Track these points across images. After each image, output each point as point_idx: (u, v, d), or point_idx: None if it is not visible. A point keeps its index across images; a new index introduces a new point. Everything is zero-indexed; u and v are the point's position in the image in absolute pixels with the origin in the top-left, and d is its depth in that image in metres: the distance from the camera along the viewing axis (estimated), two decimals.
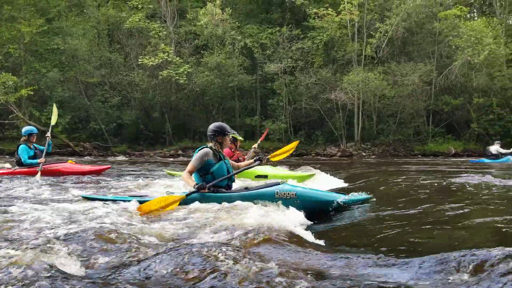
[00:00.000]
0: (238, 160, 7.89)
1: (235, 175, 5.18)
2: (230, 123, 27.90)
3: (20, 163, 9.01)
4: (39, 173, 8.49)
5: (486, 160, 16.63)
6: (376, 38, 25.22)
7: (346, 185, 8.57)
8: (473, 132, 25.11)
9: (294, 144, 6.12)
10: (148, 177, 9.48)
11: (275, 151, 7.58)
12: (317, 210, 4.60)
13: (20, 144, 9.10)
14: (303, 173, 8.84)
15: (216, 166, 4.86)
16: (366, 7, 25.75)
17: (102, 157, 23.38)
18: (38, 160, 8.78)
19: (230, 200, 4.56)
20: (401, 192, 6.49)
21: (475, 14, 31.06)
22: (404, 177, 8.63)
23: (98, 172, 10.09)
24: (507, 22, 26.95)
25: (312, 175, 8.80)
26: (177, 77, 25.18)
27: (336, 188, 7.84)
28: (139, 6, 28.03)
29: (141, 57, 26.11)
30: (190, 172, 4.85)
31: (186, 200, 4.61)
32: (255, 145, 9.28)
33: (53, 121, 9.94)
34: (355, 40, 25.90)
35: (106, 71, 27.43)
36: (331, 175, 9.84)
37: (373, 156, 23.93)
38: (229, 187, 5.01)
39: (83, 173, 9.67)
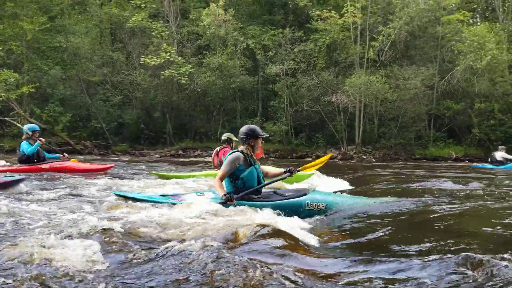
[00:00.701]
0: None
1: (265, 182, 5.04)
2: (231, 124, 27.94)
3: (22, 161, 8.95)
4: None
5: (489, 166, 16.46)
6: (379, 41, 25.19)
7: (349, 188, 8.55)
8: (474, 137, 25.06)
9: (326, 158, 6.06)
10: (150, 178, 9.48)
11: (275, 153, 7.65)
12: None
13: (22, 141, 9.06)
14: (303, 173, 8.81)
15: (247, 172, 4.73)
16: (369, 10, 25.73)
17: (107, 156, 23.36)
18: (40, 139, 8.79)
19: (260, 208, 4.47)
20: (404, 195, 6.45)
21: (478, 19, 31.03)
22: (407, 180, 8.60)
23: (102, 171, 10.08)
24: (510, 27, 26.89)
25: (311, 174, 8.77)
26: (179, 77, 25.15)
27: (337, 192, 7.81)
28: (142, 5, 28.05)
29: (143, 56, 26.10)
30: (222, 178, 4.72)
31: None
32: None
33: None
34: (357, 43, 25.88)
35: (108, 70, 27.42)
36: (334, 177, 9.83)
37: (374, 160, 23.88)
38: (258, 192, 4.88)
39: (87, 172, 9.65)
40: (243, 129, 5.00)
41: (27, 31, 24.35)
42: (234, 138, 8.44)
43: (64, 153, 9.82)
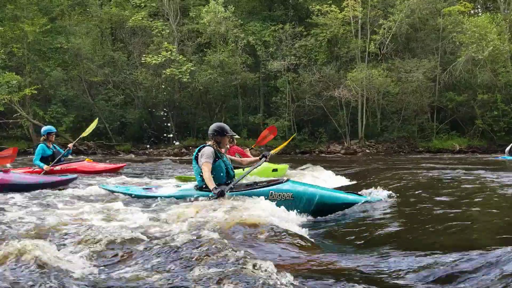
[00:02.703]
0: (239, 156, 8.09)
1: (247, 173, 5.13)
2: (233, 121, 27.93)
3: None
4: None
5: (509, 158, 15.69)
6: (380, 34, 25.11)
7: (351, 182, 8.54)
8: (477, 129, 25.00)
9: (290, 138, 6.14)
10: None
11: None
12: (321, 211, 4.51)
13: (39, 144, 9.02)
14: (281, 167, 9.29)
15: (215, 165, 4.89)
16: (369, 4, 25.63)
17: (116, 155, 23.43)
18: (44, 167, 8.62)
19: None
20: (407, 189, 6.45)
21: (479, 10, 30.91)
22: (410, 174, 8.59)
23: (114, 171, 10.09)
24: (511, 18, 26.75)
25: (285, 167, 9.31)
26: (180, 76, 25.14)
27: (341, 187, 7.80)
28: (142, 4, 28.00)
29: (144, 55, 26.08)
30: (211, 171, 4.87)
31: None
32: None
33: (85, 133, 10.07)
34: (358, 37, 25.80)
35: (109, 70, 27.44)
36: (336, 174, 9.82)
37: (377, 153, 23.87)
38: (228, 184, 4.95)
39: (99, 172, 9.66)
40: (212, 126, 5.20)
41: (28, 33, 24.38)
42: (236, 136, 8.56)
43: (70, 145, 9.69)
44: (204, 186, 4.85)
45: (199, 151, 5.02)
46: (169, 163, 15.57)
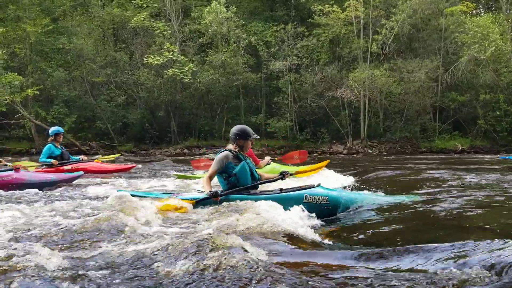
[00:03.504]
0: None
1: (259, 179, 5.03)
2: (235, 122, 27.90)
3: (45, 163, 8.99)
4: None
5: None
6: (382, 34, 25.08)
7: (355, 183, 8.51)
8: (480, 129, 24.93)
9: (323, 164, 6.04)
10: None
11: (281, 150, 7.67)
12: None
13: (47, 144, 9.10)
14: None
15: (239, 168, 4.75)
16: (371, 4, 25.61)
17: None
18: (52, 161, 8.74)
19: (256, 201, 4.40)
20: (412, 188, 6.43)
21: (481, 10, 30.86)
22: (413, 174, 8.57)
23: (124, 171, 10.14)
24: None
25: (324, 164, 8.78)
26: (182, 76, 25.15)
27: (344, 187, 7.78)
28: (143, 5, 28.04)
29: (146, 56, 26.11)
30: (211, 177, 4.83)
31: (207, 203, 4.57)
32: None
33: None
34: (360, 37, 25.78)
35: (111, 70, 27.47)
36: (340, 173, 9.79)
37: (380, 154, 23.83)
38: (254, 188, 4.88)
39: (110, 172, 9.73)
40: (234, 129, 5.04)
41: (30, 34, 24.42)
42: (257, 137, 8.50)
43: (82, 157, 9.80)
44: (227, 190, 4.75)
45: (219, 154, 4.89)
46: (170, 163, 15.56)
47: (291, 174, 5.21)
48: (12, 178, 6.79)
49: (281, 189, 4.75)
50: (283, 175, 4.94)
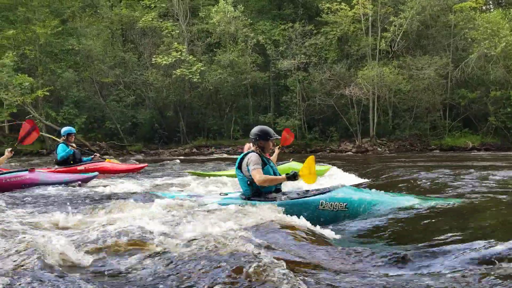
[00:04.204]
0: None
1: None
2: (244, 121, 27.95)
3: (59, 163, 9.07)
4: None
5: None
6: (391, 32, 24.94)
7: (365, 180, 8.46)
8: (490, 126, 24.72)
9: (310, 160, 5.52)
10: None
11: (289, 148, 7.64)
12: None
13: (59, 143, 9.17)
14: (321, 167, 8.75)
15: (264, 171, 4.53)
16: (379, 1, 25.45)
17: (129, 156, 23.56)
18: (69, 147, 8.96)
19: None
20: (423, 187, 6.39)
21: (491, 5, 30.55)
22: (425, 172, 8.51)
23: (135, 171, 10.23)
24: None
25: (328, 169, 8.72)
26: (191, 76, 25.20)
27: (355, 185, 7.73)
28: (152, 5, 28.14)
29: (154, 56, 26.20)
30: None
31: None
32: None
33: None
34: (369, 35, 25.65)
35: (120, 71, 27.60)
36: (349, 172, 9.76)
37: (389, 151, 23.72)
38: (278, 190, 4.69)
39: (121, 172, 9.82)
40: (254, 129, 4.81)
41: (39, 35, 24.58)
42: (279, 137, 8.49)
43: (95, 154, 9.98)
44: (251, 195, 4.54)
45: (242, 158, 4.64)
46: (180, 163, 15.62)
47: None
48: (25, 178, 6.88)
49: (307, 191, 4.53)
50: (294, 177, 4.43)
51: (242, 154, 4.73)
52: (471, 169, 8.45)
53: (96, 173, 7.88)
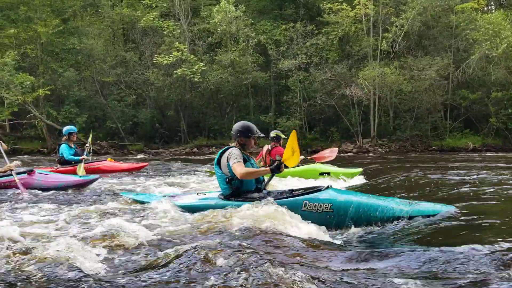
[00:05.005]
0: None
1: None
2: (245, 121, 27.88)
3: (61, 162, 9.05)
4: (82, 168, 8.57)
5: None
6: (392, 32, 24.91)
7: (366, 181, 8.45)
8: (491, 127, 24.69)
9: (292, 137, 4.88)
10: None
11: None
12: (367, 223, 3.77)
13: (61, 143, 9.15)
14: (353, 170, 8.60)
15: None
16: (381, 1, 25.43)
17: (130, 155, 23.61)
18: (80, 157, 8.85)
19: None
20: (427, 188, 6.38)
21: (492, 6, 30.52)
22: (426, 173, 8.49)
23: (136, 170, 10.22)
24: None
25: (359, 172, 8.57)
26: (192, 76, 25.20)
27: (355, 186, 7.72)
28: (153, 5, 28.15)
29: (155, 55, 26.21)
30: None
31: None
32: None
33: (90, 142, 10.25)
34: (370, 35, 25.63)
35: (121, 70, 27.61)
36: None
37: (390, 152, 23.69)
38: (259, 190, 4.51)
39: (122, 171, 9.80)
40: (236, 125, 4.64)
41: (41, 34, 24.61)
42: (283, 136, 8.46)
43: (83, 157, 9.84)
44: (229, 195, 4.39)
45: (222, 154, 4.49)
46: (181, 162, 15.62)
47: (285, 166, 4.56)
48: (24, 181, 6.80)
49: (291, 191, 4.41)
50: (278, 168, 4.36)
51: (221, 150, 4.58)
52: (471, 170, 8.43)
53: (98, 175, 7.68)
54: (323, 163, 8.81)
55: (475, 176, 7.28)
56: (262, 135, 4.77)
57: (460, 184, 6.34)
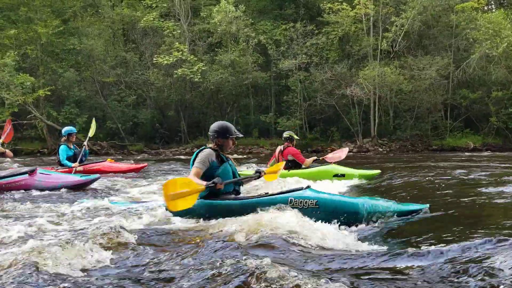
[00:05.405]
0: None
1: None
2: (245, 121, 27.97)
3: (61, 164, 9.06)
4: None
5: None
6: (392, 32, 24.90)
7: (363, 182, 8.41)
8: (492, 126, 24.68)
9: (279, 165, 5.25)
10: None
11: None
12: (346, 221, 3.83)
13: (61, 144, 9.14)
14: (370, 172, 8.51)
15: (221, 170, 4.30)
16: (381, 1, 25.42)
17: (130, 156, 23.57)
18: (72, 165, 8.76)
19: (238, 206, 4.12)
20: (427, 187, 6.38)
21: (492, 6, 30.51)
22: (425, 172, 8.49)
23: (136, 171, 10.21)
24: None
25: (377, 173, 8.47)
26: (192, 76, 25.20)
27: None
28: (153, 5, 28.16)
29: (155, 56, 26.22)
30: (197, 176, 4.22)
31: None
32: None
33: (91, 133, 10.07)
34: (370, 35, 25.62)
35: (121, 71, 27.61)
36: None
37: (391, 152, 23.68)
38: (237, 192, 4.46)
39: (122, 172, 9.79)
40: (213, 126, 4.53)
41: (41, 35, 24.62)
42: (295, 137, 8.51)
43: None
44: (206, 195, 4.23)
45: (197, 154, 4.36)
46: (181, 163, 15.62)
47: (264, 173, 4.69)
48: (22, 184, 6.82)
49: (266, 194, 4.35)
50: (259, 173, 4.55)
51: (198, 150, 4.49)
52: (471, 170, 8.43)
53: (99, 175, 7.65)
54: (335, 163, 8.71)
55: (474, 176, 7.28)
56: (241, 135, 4.70)
57: (459, 184, 6.34)
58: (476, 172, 8.02)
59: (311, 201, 3.91)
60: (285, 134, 8.62)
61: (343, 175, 7.98)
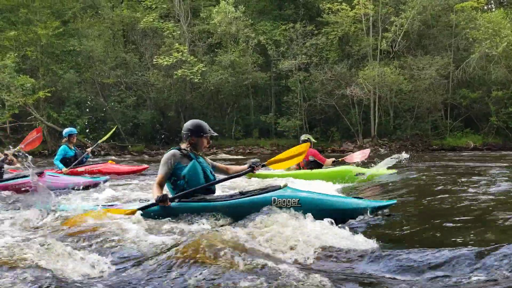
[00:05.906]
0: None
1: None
2: (245, 121, 28.01)
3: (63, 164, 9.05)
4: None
5: None
6: (392, 32, 24.91)
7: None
8: (492, 126, 24.69)
9: (302, 148, 4.61)
10: None
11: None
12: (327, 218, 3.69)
13: (61, 146, 9.15)
14: (389, 171, 8.44)
15: (187, 168, 4.03)
16: (380, 1, 25.44)
17: (133, 156, 23.60)
18: (63, 169, 8.71)
19: (214, 209, 3.85)
20: (425, 187, 6.39)
21: (492, 5, 30.51)
22: (425, 172, 8.50)
23: (137, 172, 10.21)
24: None
25: (395, 172, 8.41)
26: (192, 76, 25.23)
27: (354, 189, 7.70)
28: (153, 6, 28.18)
29: (155, 57, 26.26)
30: (160, 184, 4.02)
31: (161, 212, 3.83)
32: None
33: (103, 139, 10.10)
34: (370, 35, 25.64)
35: (121, 72, 27.63)
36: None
37: (391, 151, 23.67)
38: (211, 192, 4.21)
39: (123, 173, 9.78)
40: (187, 124, 4.29)
41: (41, 36, 24.65)
42: (313, 140, 8.50)
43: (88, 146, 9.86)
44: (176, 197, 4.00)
45: None
46: None
47: (263, 165, 4.40)
48: (28, 185, 6.84)
49: (241, 193, 4.14)
50: (252, 167, 4.24)
51: (168, 150, 4.26)
52: (470, 170, 8.44)
53: (108, 177, 7.62)
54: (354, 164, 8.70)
55: (474, 176, 7.29)
56: (215, 134, 4.52)
57: (459, 183, 6.35)
58: (476, 172, 8.03)
59: (294, 200, 3.84)
60: (303, 137, 8.60)
61: (361, 175, 7.87)
